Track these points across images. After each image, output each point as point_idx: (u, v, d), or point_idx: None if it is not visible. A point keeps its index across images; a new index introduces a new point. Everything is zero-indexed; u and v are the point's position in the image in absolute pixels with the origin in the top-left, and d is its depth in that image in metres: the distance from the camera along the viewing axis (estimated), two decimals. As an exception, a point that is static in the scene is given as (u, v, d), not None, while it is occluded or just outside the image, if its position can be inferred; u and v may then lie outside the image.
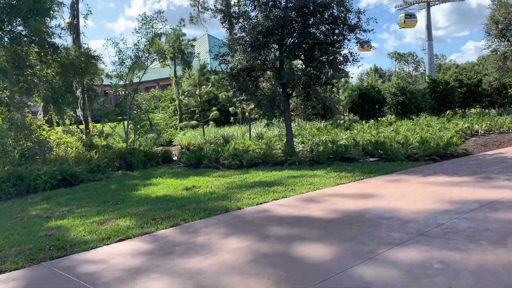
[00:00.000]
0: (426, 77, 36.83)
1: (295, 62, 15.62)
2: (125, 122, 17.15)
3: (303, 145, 16.01)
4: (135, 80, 17.77)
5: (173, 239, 5.81)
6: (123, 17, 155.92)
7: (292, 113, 26.30)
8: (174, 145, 21.80)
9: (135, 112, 17.67)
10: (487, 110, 26.98)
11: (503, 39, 24.44)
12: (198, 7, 46.40)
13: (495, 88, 26.49)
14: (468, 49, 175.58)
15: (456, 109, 27.94)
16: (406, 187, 7.95)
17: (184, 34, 36.58)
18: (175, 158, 15.99)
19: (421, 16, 68.39)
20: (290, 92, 14.48)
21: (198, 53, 38.13)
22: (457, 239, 4.82)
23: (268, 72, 14.49)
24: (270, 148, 14.31)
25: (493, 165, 9.73)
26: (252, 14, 13.95)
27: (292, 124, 26.11)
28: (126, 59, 16.95)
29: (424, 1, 65.82)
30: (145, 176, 12.28)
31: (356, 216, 6.22)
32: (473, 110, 27.95)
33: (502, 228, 5.10)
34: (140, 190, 9.98)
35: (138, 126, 17.34)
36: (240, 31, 13.82)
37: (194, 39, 38.97)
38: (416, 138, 13.58)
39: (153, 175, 12.28)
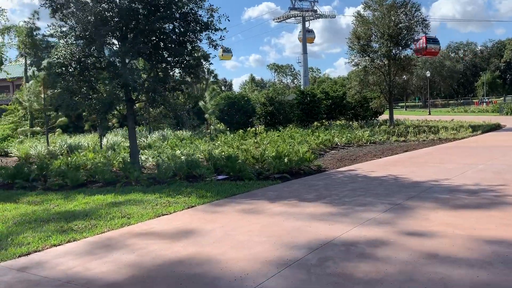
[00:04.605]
0: (295, 88, 37.62)
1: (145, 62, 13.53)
2: None
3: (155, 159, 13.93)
4: None
5: None
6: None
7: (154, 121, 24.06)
8: (13, 156, 18.37)
9: None
10: (351, 122, 27.97)
11: (364, 54, 25.43)
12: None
13: (358, 101, 27.58)
14: (340, 65, 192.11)
15: (323, 120, 28.50)
16: (233, 222, 6.40)
17: (38, 28, 32.06)
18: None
19: (298, 30, 71.54)
20: (135, 97, 12.34)
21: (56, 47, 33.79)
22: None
23: (105, 73, 12.11)
24: (107, 163, 11.94)
25: (341, 186, 8.79)
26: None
27: (157, 133, 23.86)
28: None
29: (300, 16, 68.93)
30: None
31: (155, 277, 4.38)
32: (338, 122, 28.79)
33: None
34: None
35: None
36: (67, 19, 11.31)
37: (51, 35, 34.32)
38: (273, 152, 12.46)
39: None
